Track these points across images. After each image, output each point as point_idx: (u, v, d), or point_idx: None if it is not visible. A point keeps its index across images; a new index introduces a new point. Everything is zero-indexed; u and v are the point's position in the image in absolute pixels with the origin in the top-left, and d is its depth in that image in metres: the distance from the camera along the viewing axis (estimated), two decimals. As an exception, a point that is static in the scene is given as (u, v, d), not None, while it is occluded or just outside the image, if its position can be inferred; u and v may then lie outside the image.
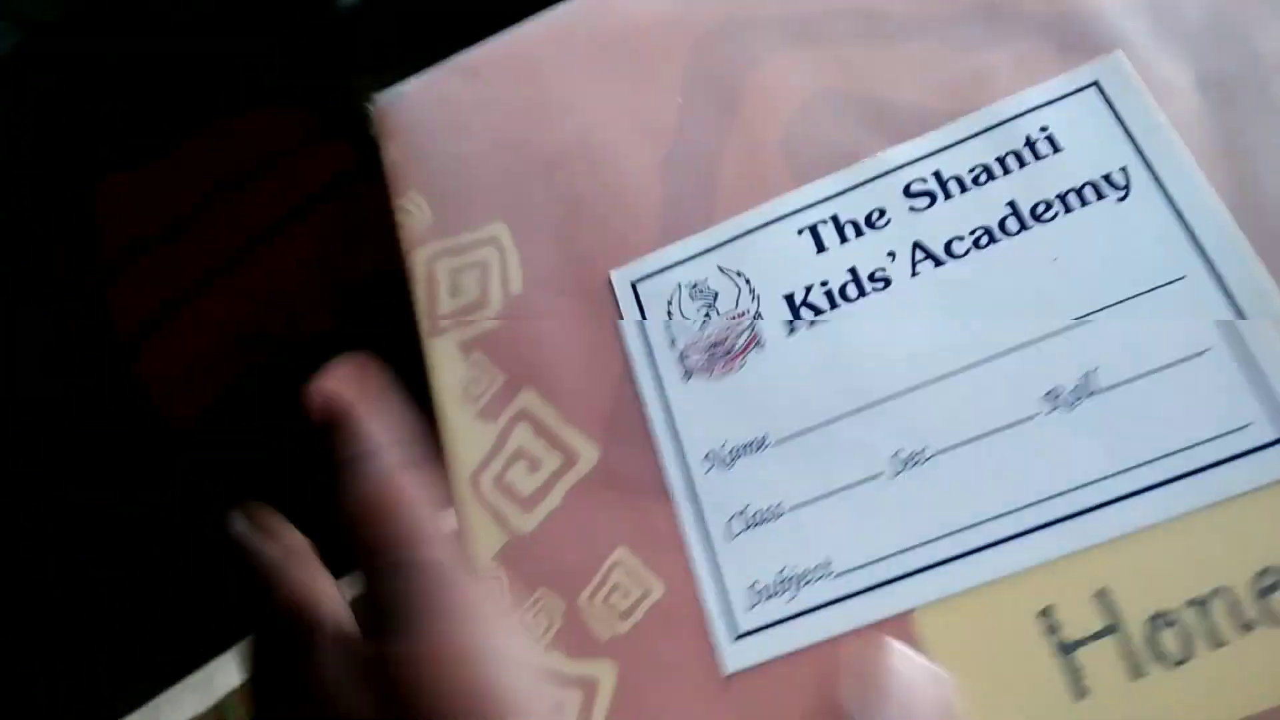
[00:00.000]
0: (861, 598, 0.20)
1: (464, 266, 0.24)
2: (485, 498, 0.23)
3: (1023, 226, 0.21)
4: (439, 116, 0.26)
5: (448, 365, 0.24)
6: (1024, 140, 0.21)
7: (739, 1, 0.25)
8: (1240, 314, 0.19)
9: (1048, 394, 0.20)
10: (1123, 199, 0.20)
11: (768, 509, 0.21)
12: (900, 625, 0.19)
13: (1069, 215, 0.21)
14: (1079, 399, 0.20)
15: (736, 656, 0.20)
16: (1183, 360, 0.19)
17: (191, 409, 0.71)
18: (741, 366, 0.22)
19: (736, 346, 0.22)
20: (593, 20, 0.26)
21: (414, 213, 0.25)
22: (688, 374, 0.22)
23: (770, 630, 0.20)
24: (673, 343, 0.22)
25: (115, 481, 0.67)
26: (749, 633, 0.20)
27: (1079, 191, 0.21)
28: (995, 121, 0.22)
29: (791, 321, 0.22)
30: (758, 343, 0.22)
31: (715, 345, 0.22)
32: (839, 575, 0.20)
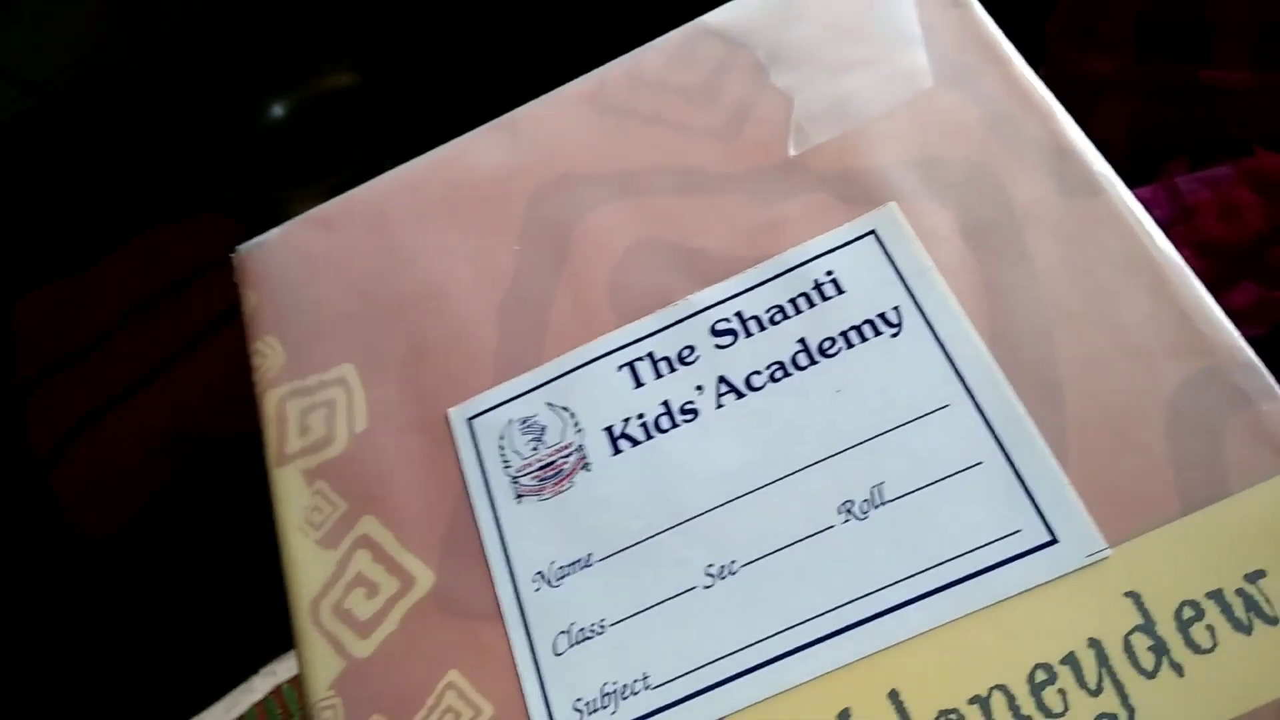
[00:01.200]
0: (677, 708, 0.20)
1: (312, 406, 0.25)
2: (324, 625, 0.23)
3: (812, 361, 0.22)
4: (294, 265, 0.27)
5: (292, 494, 0.24)
6: (813, 283, 0.23)
7: (571, 159, 0.26)
8: (997, 437, 0.21)
9: (841, 505, 0.21)
10: (895, 335, 0.22)
11: (591, 625, 0.21)
12: (713, 733, 0.20)
13: (850, 350, 0.22)
14: (869, 510, 0.21)
15: (561, 772, 0.20)
16: (958, 472, 0.21)
17: (108, 521, 0.68)
18: (570, 487, 0.23)
19: (565, 469, 0.23)
20: (439, 174, 0.27)
21: (268, 355, 0.26)
22: (520, 497, 0.23)
23: (593, 745, 0.20)
24: (506, 468, 0.23)
25: (30, 596, 0.63)
26: (573, 748, 0.20)
27: (859, 329, 0.22)
28: (788, 266, 0.23)
29: (614, 450, 0.23)
30: (585, 465, 0.23)
31: (545, 467, 0.23)
32: (656, 687, 0.20)
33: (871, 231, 0.23)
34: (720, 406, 0.22)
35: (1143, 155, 0.51)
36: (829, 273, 0.23)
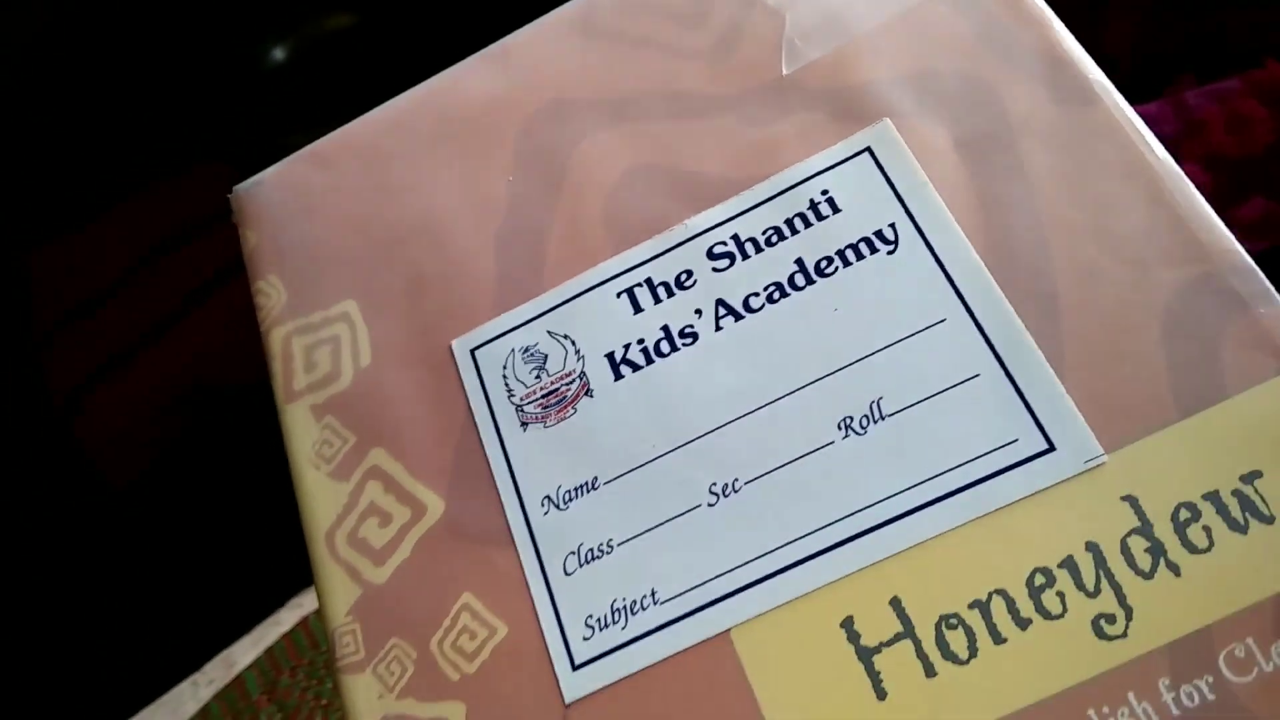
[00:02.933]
0: (684, 621, 0.20)
1: (317, 343, 0.25)
2: (340, 554, 0.23)
3: (809, 281, 0.22)
4: (292, 203, 0.27)
5: (301, 430, 0.24)
6: (809, 203, 0.23)
7: (562, 85, 0.26)
8: (995, 350, 0.21)
9: (841, 422, 0.21)
10: (892, 252, 0.22)
11: (599, 545, 0.22)
12: (720, 644, 0.20)
13: (847, 269, 0.22)
14: (868, 425, 0.21)
15: (575, 686, 0.21)
16: (956, 385, 0.21)
17: (131, 468, 0.69)
18: (574, 414, 0.23)
19: (569, 395, 0.23)
20: (430, 106, 0.27)
21: (270, 294, 0.26)
22: (524, 425, 0.23)
23: (605, 659, 0.21)
24: (510, 396, 0.23)
25: (58, 542, 0.65)
26: (586, 663, 0.21)
27: (855, 247, 0.22)
28: (783, 187, 0.23)
29: (616, 376, 0.23)
30: (588, 391, 0.23)
31: (548, 395, 0.23)
32: (664, 603, 0.21)
33: (866, 149, 0.23)
34: (719, 329, 0.23)
35: (1150, 69, 0.50)
36: (824, 192, 0.23)
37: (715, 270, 0.23)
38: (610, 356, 0.23)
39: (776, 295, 0.22)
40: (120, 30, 0.77)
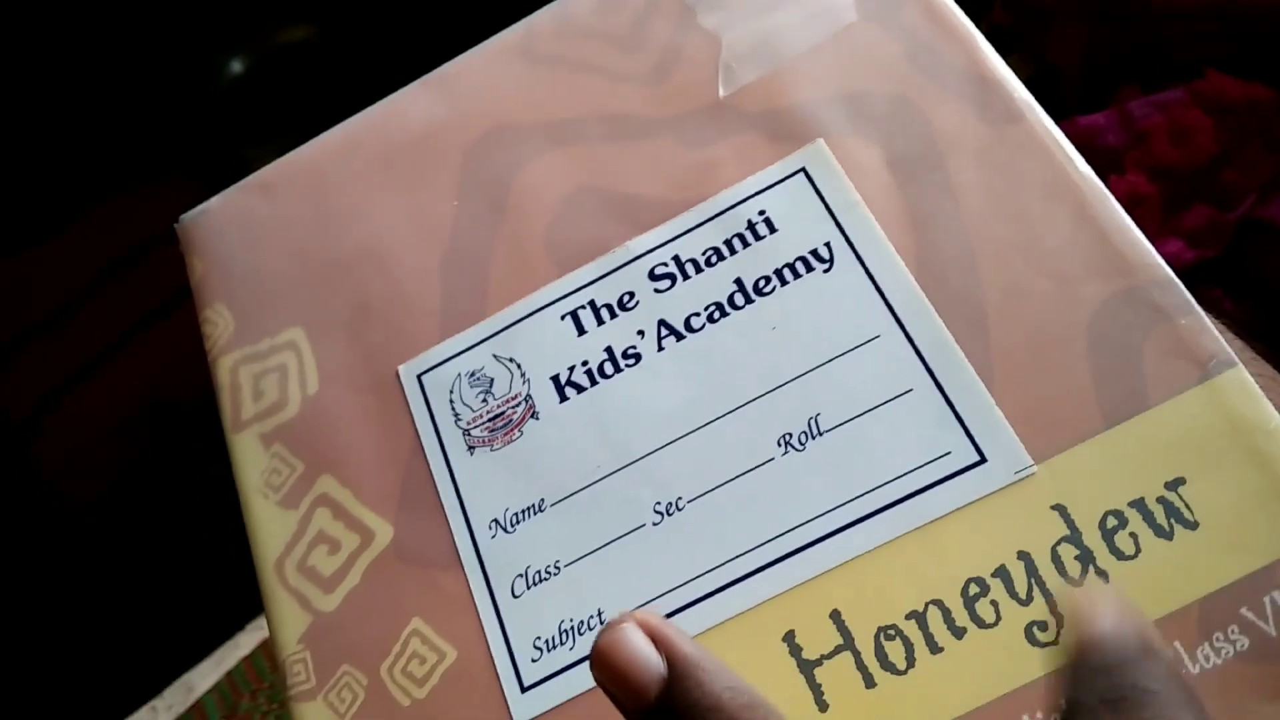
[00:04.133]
0: (630, 640, 0.21)
1: (264, 371, 0.25)
2: (289, 583, 0.23)
3: (748, 300, 0.22)
4: (238, 232, 0.27)
5: (250, 459, 0.24)
6: (746, 224, 0.23)
7: (504, 110, 0.26)
8: (927, 365, 0.22)
9: (780, 438, 0.22)
10: (827, 270, 0.22)
11: (546, 567, 0.22)
12: (665, 662, 0.21)
13: (785, 288, 0.22)
14: (807, 441, 0.21)
15: (524, 708, 0.21)
16: (890, 400, 0.21)
17: (90, 488, 0.69)
18: (520, 436, 0.23)
19: (515, 418, 0.24)
20: (374, 133, 0.27)
21: (218, 323, 0.26)
22: (471, 448, 0.23)
23: (553, 680, 0.21)
24: (457, 420, 0.24)
25: (16, 562, 0.64)
26: (535, 684, 0.21)
27: (792, 266, 0.22)
28: (722, 208, 0.23)
29: (561, 398, 0.24)
30: (534, 413, 0.24)
31: (495, 418, 0.24)
32: (610, 622, 0.21)
33: (801, 169, 0.24)
34: (661, 349, 0.23)
35: (1098, 80, 0.51)
36: (761, 212, 0.24)
37: (657, 291, 0.23)
38: (555, 379, 0.23)
39: (717, 315, 0.23)
40: (78, 46, 0.76)
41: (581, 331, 0.23)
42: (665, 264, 0.23)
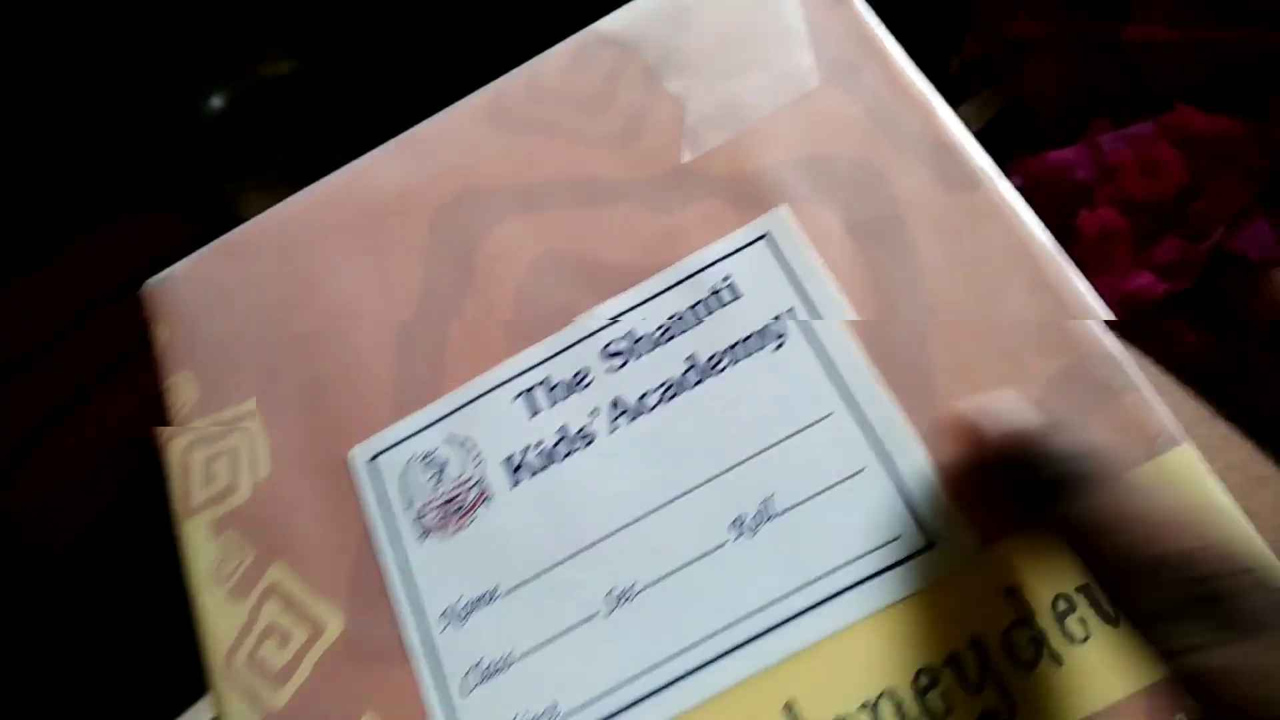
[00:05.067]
0: (583, 735, 0.21)
1: (216, 453, 0.25)
2: (238, 678, 0.23)
3: (701, 378, 0.22)
4: (203, 297, 0.26)
5: (200, 547, 0.24)
6: (710, 290, 0.23)
7: (472, 174, 0.26)
8: (877, 445, 0.21)
9: (733, 522, 0.21)
10: (780, 347, 0.22)
11: (499, 660, 0.22)
12: (619, 758, 0.21)
13: (740, 364, 0.22)
14: (759, 525, 0.21)
15: (477, 806, 0.21)
16: (842, 481, 0.21)
17: (65, 533, 0.68)
18: (473, 522, 0.23)
19: (467, 503, 0.23)
20: (342, 197, 0.27)
21: (181, 392, 0.26)
22: (424, 534, 0.23)
23: (506, 777, 0.21)
24: (408, 505, 0.24)
25: None
26: (488, 781, 0.21)
27: (751, 338, 0.22)
28: (686, 274, 0.23)
29: (514, 482, 0.23)
30: (487, 498, 0.23)
31: (448, 503, 0.23)
32: (565, 717, 0.21)
33: (765, 235, 0.23)
34: (615, 430, 0.23)
35: (1073, 114, 0.51)
36: (725, 278, 0.23)
37: (610, 370, 0.23)
38: (509, 461, 0.23)
39: (671, 393, 0.23)
40: (60, 80, 0.76)
41: (535, 411, 0.23)
42: (620, 340, 0.23)
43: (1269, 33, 0.45)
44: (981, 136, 0.25)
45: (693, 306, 0.23)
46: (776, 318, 0.22)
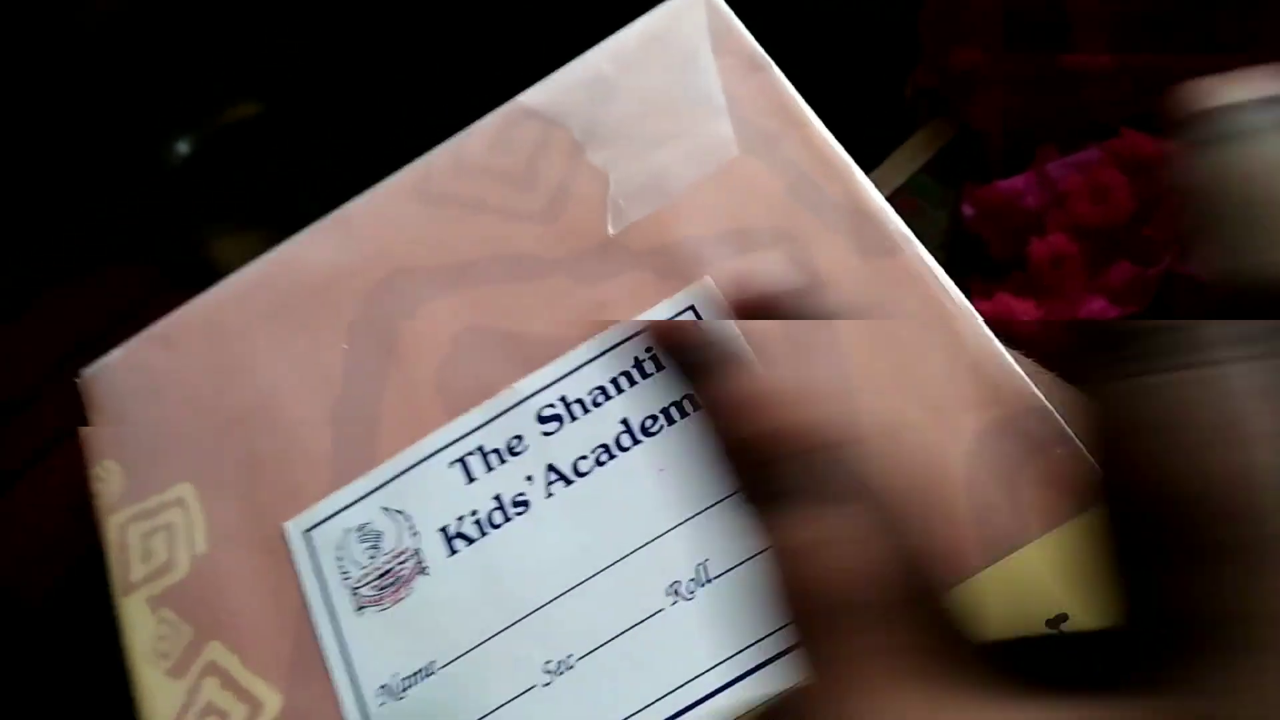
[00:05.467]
0: (522, 812, 0.20)
1: (153, 530, 0.25)
2: (177, 760, 0.23)
3: (635, 441, 0.22)
4: (136, 385, 0.26)
5: (139, 624, 0.23)
6: (633, 360, 0.23)
7: (400, 254, 0.26)
8: None
9: (669, 587, 0.21)
10: None
11: (437, 734, 0.22)
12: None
13: (672, 427, 0.22)
14: (695, 589, 0.21)
15: None
16: (777, 543, 0.21)
17: (41, 583, 0.67)
18: (409, 594, 0.23)
19: (404, 575, 0.23)
20: (271, 280, 0.26)
21: (107, 480, 0.26)
22: (360, 608, 0.23)
23: None
24: (345, 579, 0.23)
25: None
26: None
27: (679, 405, 0.22)
28: (610, 345, 0.23)
29: (450, 551, 0.23)
30: (423, 569, 0.23)
31: (384, 575, 0.23)
32: (502, 792, 0.21)
33: (690, 307, 0.23)
34: (550, 496, 0.23)
35: (1020, 142, 0.52)
36: (649, 349, 0.23)
37: (545, 434, 0.23)
38: (444, 530, 0.23)
39: (604, 457, 0.22)
40: (24, 130, 0.76)
41: (471, 479, 0.23)
42: (553, 405, 0.23)
43: (1202, 58, 0.46)
44: (933, 165, 0.25)
45: (615, 379, 0.23)
46: None
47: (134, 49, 0.77)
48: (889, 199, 0.24)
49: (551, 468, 0.23)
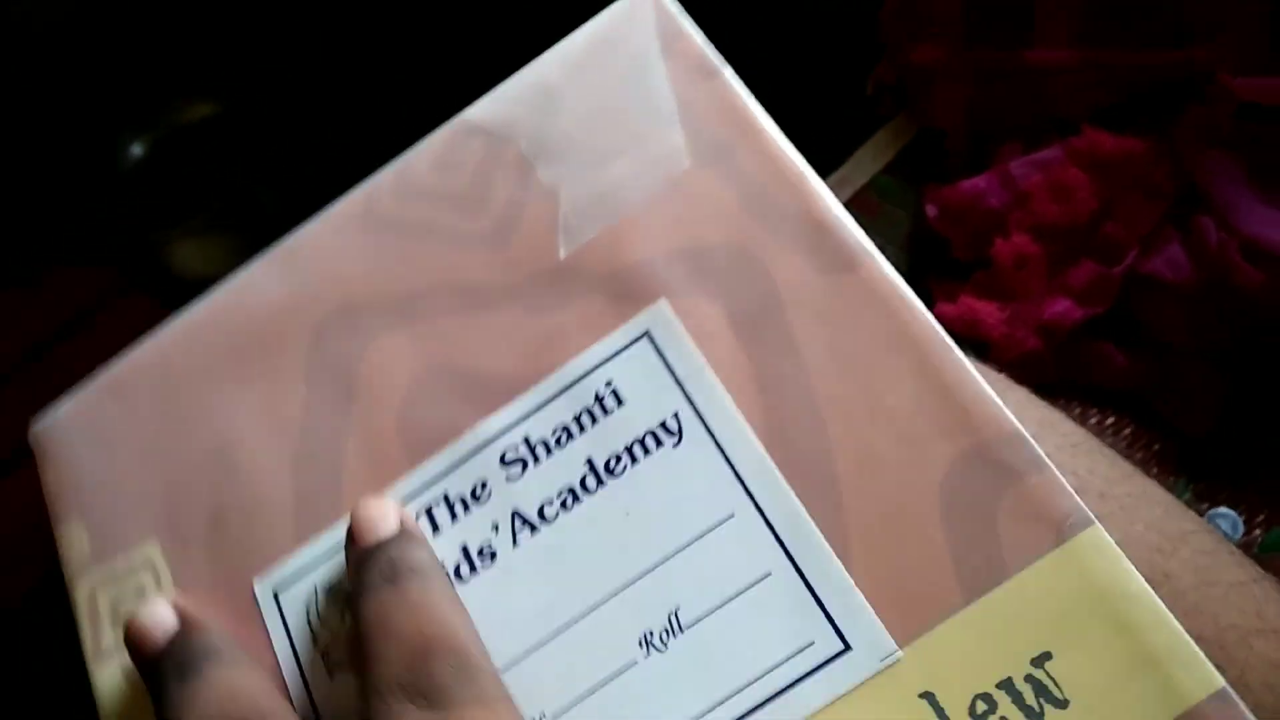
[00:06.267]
0: None
1: (122, 596, 0.24)
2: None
3: (600, 483, 0.21)
4: (89, 438, 0.25)
5: (112, 694, 0.23)
6: (594, 397, 0.22)
7: (348, 286, 0.25)
8: (783, 545, 0.21)
9: (642, 638, 0.20)
10: (677, 444, 0.21)
11: (414, 798, 0.21)
12: None
13: (636, 466, 0.21)
14: (668, 639, 0.20)
15: None
16: (750, 586, 0.20)
17: (20, 585, 0.65)
18: (382, 653, 0.22)
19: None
20: (218, 320, 0.25)
21: (73, 542, 0.25)
22: (331, 672, 0.22)
23: None
24: (315, 641, 0.22)
25: None
26: None
27: (642, 442, 0.21)
28: (569, 382, 0.22)
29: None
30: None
31: (356, 640, 0.22)
32: None
33: (646, 333, 0.22)
34: (516, 544, 0.22)
35: (981, 140, 0.51)
36: (609, 383, 0.22)
37: (509, 479, 0.22)
38: (413, 585, 0.22)
39: (570, 501, 0.22)
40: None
41: (436, 530, 0.22)
42: (516, 447, 0.22)
43: (1167, 52, 0.45)
44: (895, 165, 0.24)
45: (577, 417, 0.22)
46: (663, 423, 0.21)
47: (86, 49, 0.75)
48: (851, 200, 0.23)
49: (517, 514, 0.22)
